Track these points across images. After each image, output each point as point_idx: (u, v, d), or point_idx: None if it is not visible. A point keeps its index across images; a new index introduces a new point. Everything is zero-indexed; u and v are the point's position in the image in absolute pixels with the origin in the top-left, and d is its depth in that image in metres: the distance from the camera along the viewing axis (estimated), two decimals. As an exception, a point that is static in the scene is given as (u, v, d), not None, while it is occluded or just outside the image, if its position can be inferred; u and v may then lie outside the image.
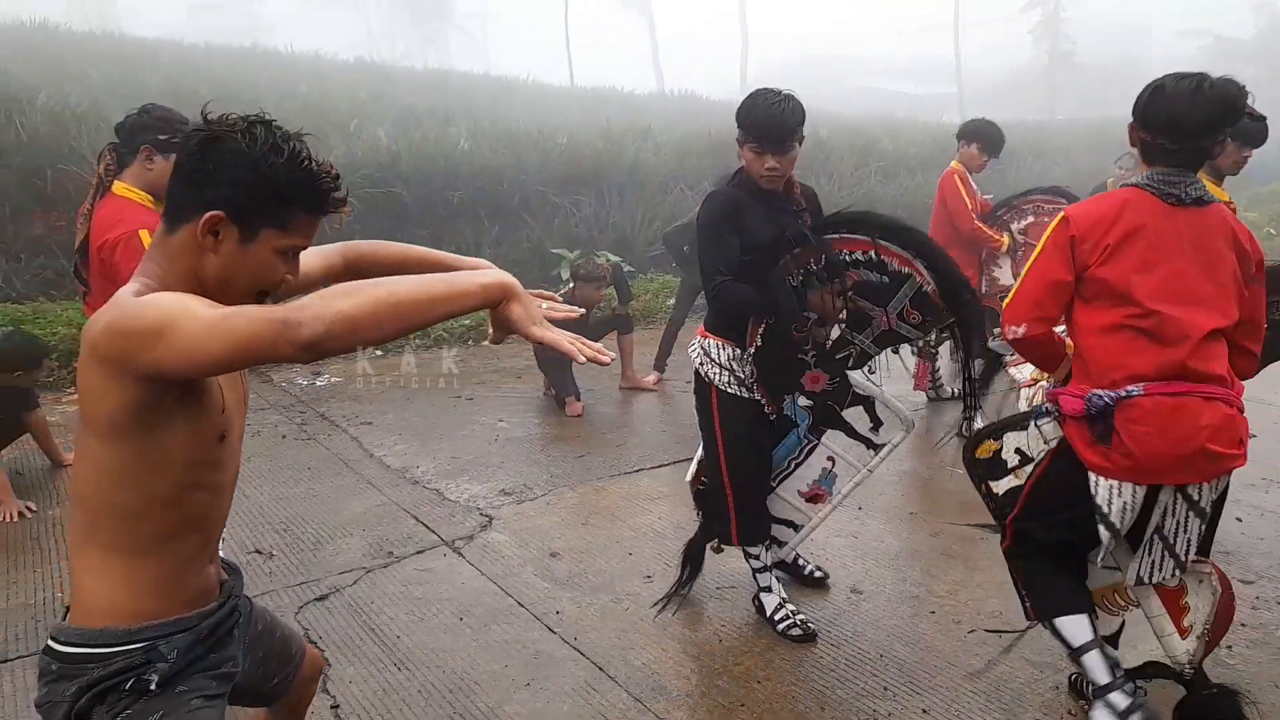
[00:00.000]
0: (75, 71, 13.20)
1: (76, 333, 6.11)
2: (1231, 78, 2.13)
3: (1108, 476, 2.17)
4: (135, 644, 1.40)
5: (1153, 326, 2.12)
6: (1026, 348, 2.33)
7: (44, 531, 3.85)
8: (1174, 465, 2.12)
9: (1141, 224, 2.13)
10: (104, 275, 2.69)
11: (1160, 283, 2.12)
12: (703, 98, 24.51)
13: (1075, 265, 2.19)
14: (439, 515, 4.03)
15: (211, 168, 1.34)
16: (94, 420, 1.33)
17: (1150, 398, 2.10)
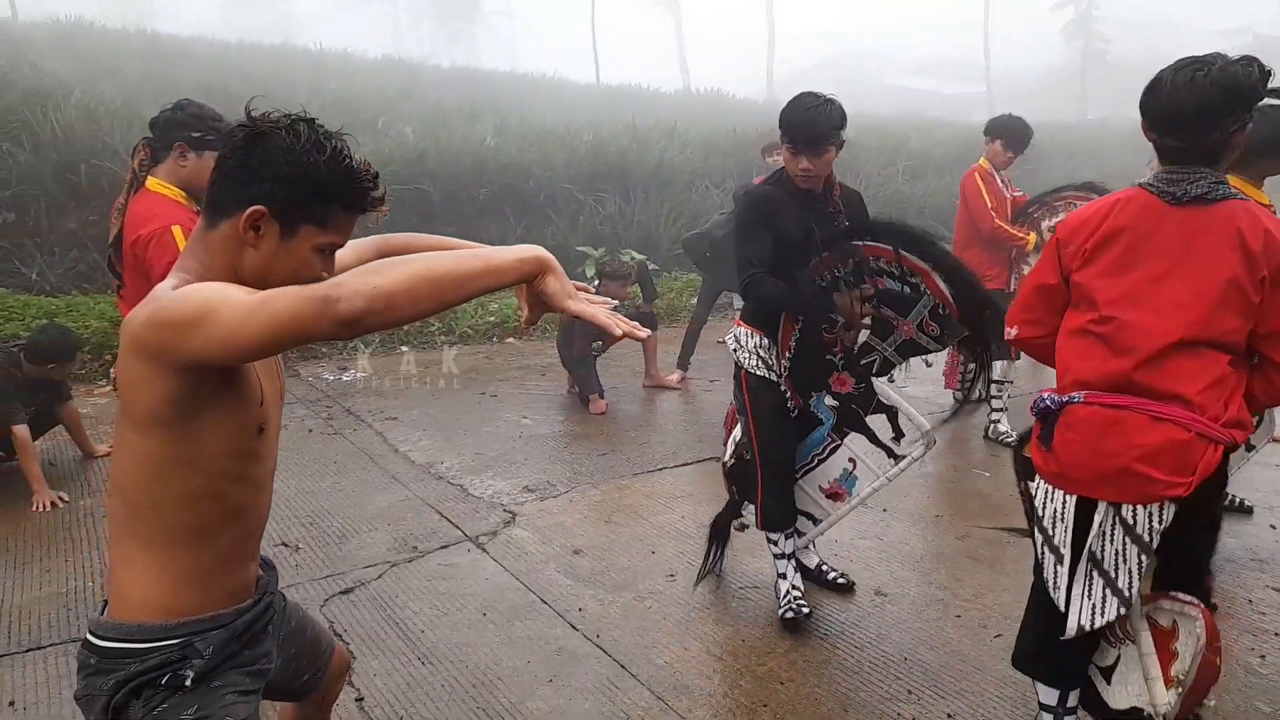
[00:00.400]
0: (109, 68, 13.40)
1: (109, 326, 6.21)
2: (1249, 58, 1.90)
3: (1044, 479, 2.10)
4: (172, 640, 1.40)
5: (1108, 333, 2.00)
6: (1025, 349, 2.29)
7: (75, 521, 3.91)
8: (1097, 479, 1.99)
9: (1123, 225, 2.00)
10: (137, 270, 2.72)
11: (1127, 288, 1.99)
12: (729, 96, 24.45)
13: (1062, 269, 2.11)
14: (463, 511, 4.05)
15: (255, 163, 1.35)
16: (134, 412, 1.34)
17: (1088, 406, 2.00)
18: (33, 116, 8.15)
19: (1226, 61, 1.88)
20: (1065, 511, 2.05)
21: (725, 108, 20.93)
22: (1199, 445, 1.91)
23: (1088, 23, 41.16)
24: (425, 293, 1.23)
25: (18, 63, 11.08)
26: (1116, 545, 2.00)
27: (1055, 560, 2.07)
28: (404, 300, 1.21)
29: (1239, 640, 2.96)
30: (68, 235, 7.58)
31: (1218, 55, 1.91)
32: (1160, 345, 1.93)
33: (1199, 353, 1.93)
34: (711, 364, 6.82)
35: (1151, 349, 1.94)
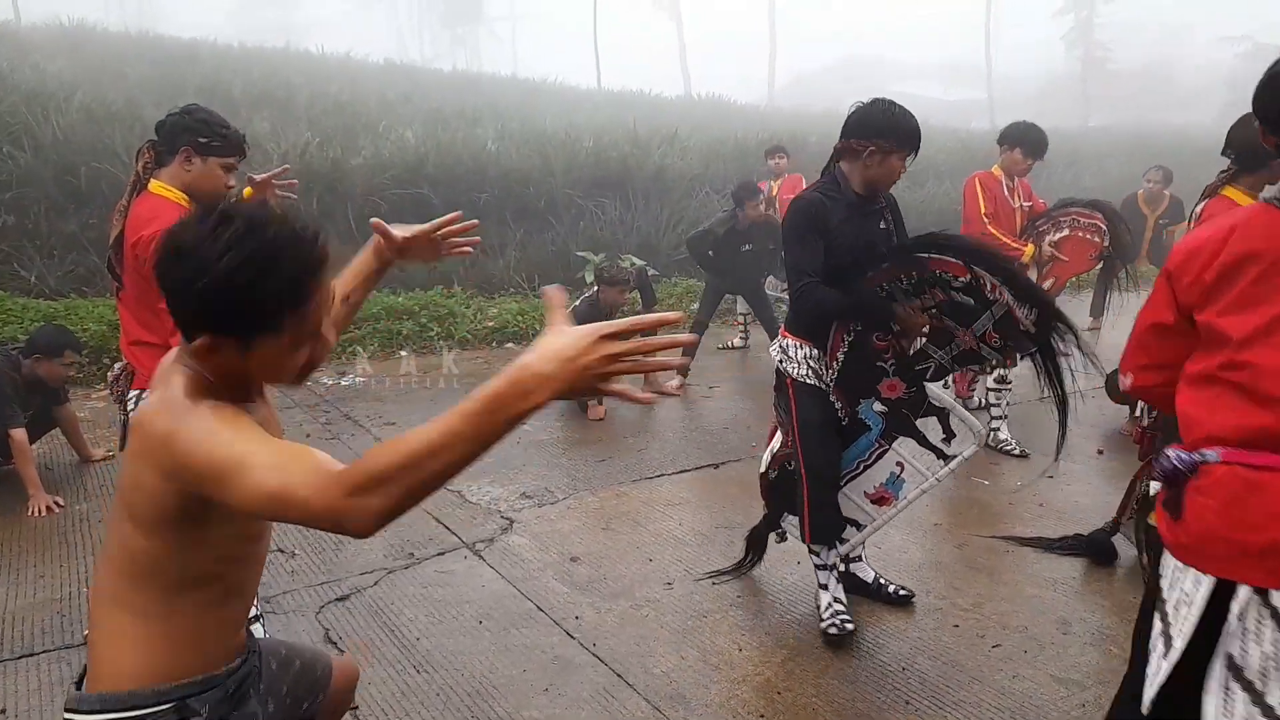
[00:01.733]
0: (111, 70, 13.41)
1: (108, 329, 6.20)
2: None
3: (1173, 554, 1.72)
4: (166, 703, 1.35)
5: (1244, 380, 1.63)
6: (1143, 397, 1.97)
7: (71, 527, 3.90)
8: (1238, 556, 1.59)
9: (1251, 251, 1.64)
10: (137, 272, 2.71)
11: (1263, 325, 1.62)
12: (730, 102, 24.47)
13: (1179, 306, 1.75)
14: (460, 517, 4.04)
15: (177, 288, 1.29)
16: (138, 514, 1.30)
17: (1225, 466, 1.63)
18: (34, 118, 8.16)
19: None
20: (1196, 594, 1.64)
21: (726, 113, 20.96)
22: None
23: (1088, 30, 41.19)
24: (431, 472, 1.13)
25: (20, 64, 11.10)
26: (1265, 646, 1.55)
27: (1164, 649, 1.67)
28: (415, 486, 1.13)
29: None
30: (67, 238, 7.58)
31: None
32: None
33: None
34: (710, 370, 6.82)
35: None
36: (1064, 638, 3.04)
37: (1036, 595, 3.33)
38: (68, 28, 18.59)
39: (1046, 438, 4.99)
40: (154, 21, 27.48)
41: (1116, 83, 40.65)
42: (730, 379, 6.71)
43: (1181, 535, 1.68)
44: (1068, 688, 2.76)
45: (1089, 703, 2.68)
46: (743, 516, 4.08)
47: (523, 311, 8.07)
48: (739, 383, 6.60)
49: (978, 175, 5.06)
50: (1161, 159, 9.85)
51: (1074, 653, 2.95)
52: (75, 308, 6.68)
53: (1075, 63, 41.32)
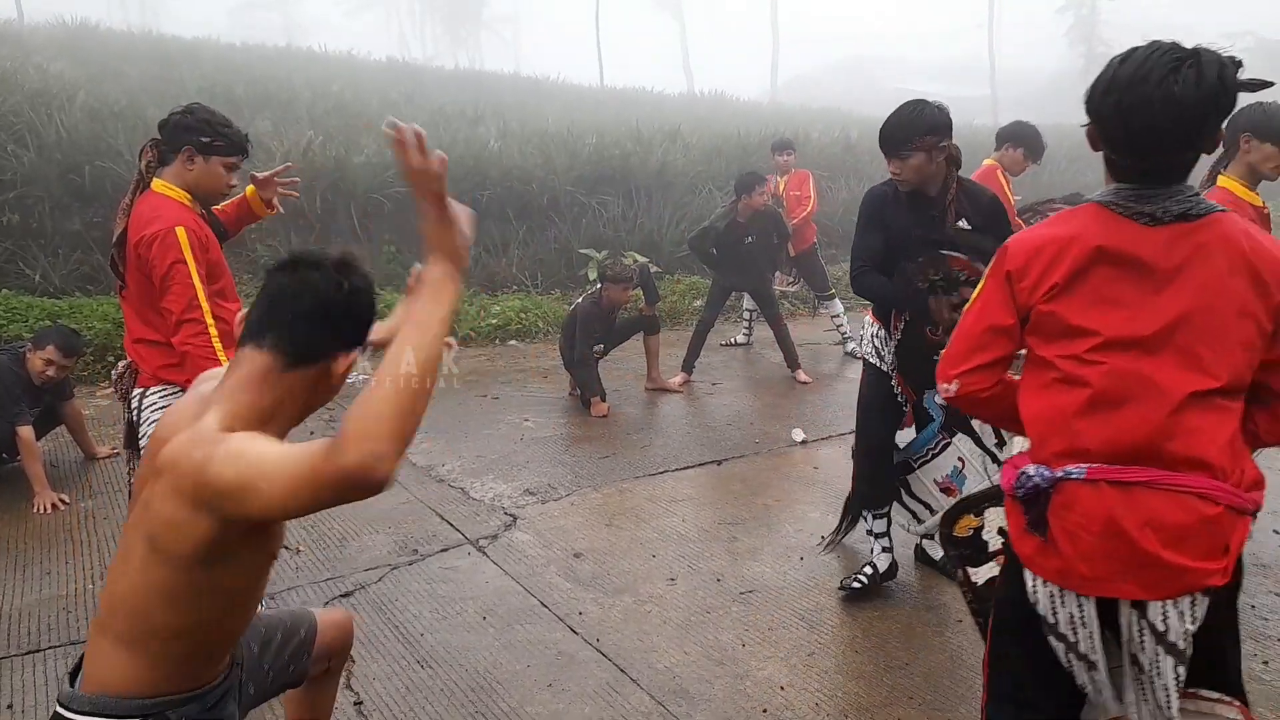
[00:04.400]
0: (114, 70, 13.43)
1: (112, 327, 6.22)
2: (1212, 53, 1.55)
3: (1044, 577, 1.66)
4: (147, 714, 1.45)
5: (1103, 387, 1.58)
6: (967, 404, 1.81)
7: (76, 523, 3.91)
8: (1114, 573, 1.57)
9: (1097, 252, 1.60)
10: (140, 271, 2.72)
11: (1117, 330, 1.59)
12: (733, 99, 24.47)
13: (1018, 307, 1.69)
14: (464, 514, 4.05)
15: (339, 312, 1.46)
16: (166, 548, 1.37)
17: (1092, 484, 1.58)
18: (37, 118, 8.17)
19: (1197, 62, 1.51)
20: (1087, 615, 1.63)
21: (729, 111, 20.94)
22: (1229, 519, 1.55)
23: (1091, 27, 41.09)
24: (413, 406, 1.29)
25: (23, 64, 11.11)
26: (1148, 657, 1.60)
27: (1088, 668, 1.66)
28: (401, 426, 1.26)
29: (1242, 646, 2.93)
30: (71, 237, 7.59)
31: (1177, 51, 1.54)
32: (1174, 402, 1.55)
33: (1214, 404, 1.56)
34: (714, 367, 6.82)
35: (1165, 407, 1.55)
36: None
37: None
38: (70, 27, 18.62)
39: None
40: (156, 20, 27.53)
41: (1119, 79, 40.50)
42: (733, 375, 6.71)
43: (1054, 557, 1.63)
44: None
45: (1092, 697, 2.68)
46: (746, 512, 4.09)
47: (525, 309, 8.07)
48: (742, 379, 6.60)
49: (998, 168, 5.05)
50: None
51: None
52: (80, 306, 6.69)
53: (1078, 59, 41.25)
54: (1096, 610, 1.61)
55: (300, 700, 1.96)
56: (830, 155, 12.80)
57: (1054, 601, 1.65)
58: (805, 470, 4.63)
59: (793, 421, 5.33)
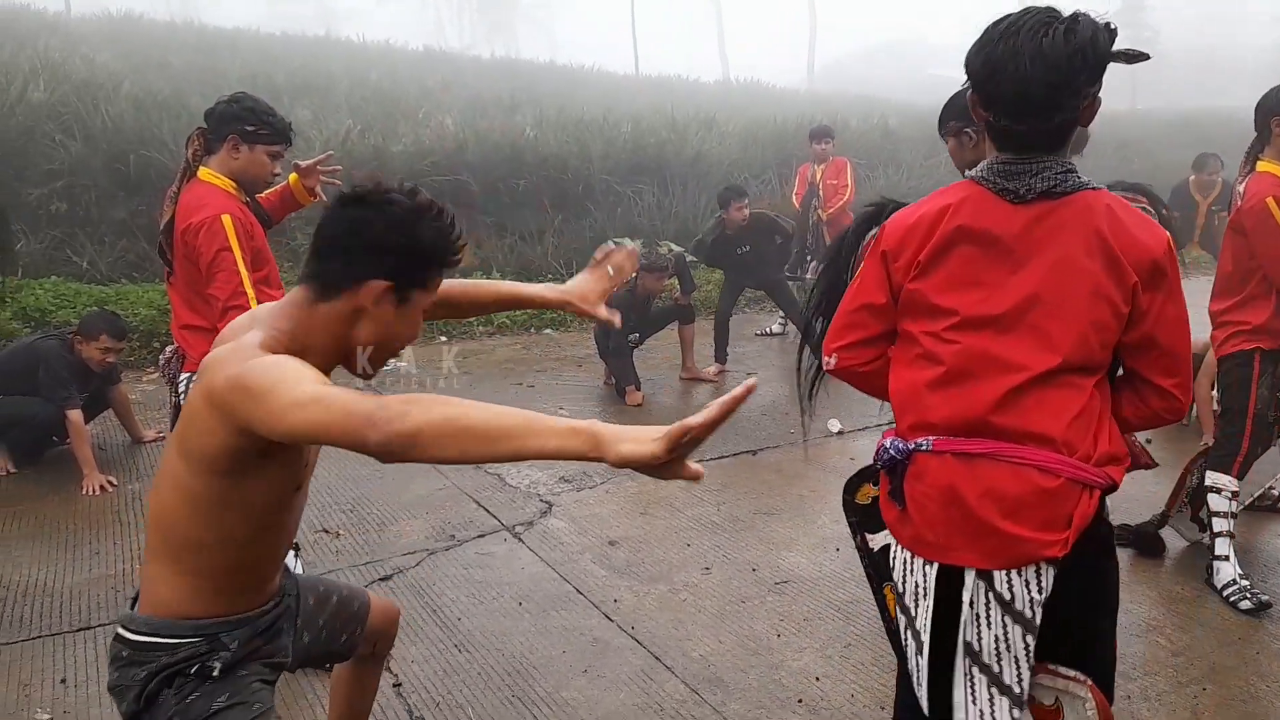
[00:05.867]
0: (158, 60, 13.64)
1: (157, 314, 6.34)
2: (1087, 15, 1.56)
3: (902, 544, 1.70)
4: (200, 636, 1.50)
5: (954, 364, 1.61)
6: (849, 379, 1.83)
7: (124, 505, 4.00)
8: (955, 541, 1.59)
9: (961, 232, 1.61)
10: (187, 258, 2.77)
11: (972, 308, 1.60)
12: (768, 86, 24.25)
13: (891, 286, 1.71)
14: (500, 500, 4.08)
15: (370, 239, 1.40)
16: (192, 453, 1.41)
17: (938, 456, 1.61)
18: (84, 108, 8.33)
19: (1072, 22, 1.51)
20: (927, 583, 1.64)
21: (764, 98, 20.78)
22: (1070, 492, 1.56)
23: (1137, 12, 40.13)
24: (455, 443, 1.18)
25: (70, 55, 11.33)
26: (995, 630, 1.59)
27: (917, 649, 1.66)
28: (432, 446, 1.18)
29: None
30: (117, 225, 7.74)
31: (1052, 12, 1.53)
32: (1021, 379, 1.57)
33: (1062, 381, 1.58)
34: (749, 356, 6.80)
35: (1008, 383, 1.57)
36: (1108, 628, 3.00)
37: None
38: (116, 18, 18.94)
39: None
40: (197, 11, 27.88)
41: (1164, 65, 39.58)
42: (768, 365, 6.69)
43: (908, 525, 1.67)
44: (1112, 678, 2.72)
45: (1134, 694, 2.65)
46: (780, 502, 4.08)
47: (560, 298, 8.09)
48: (777, 369, 6.57)
49: None
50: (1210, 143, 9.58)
51: (1120, 644, 2.86)
52: (125, 293, 6.83)
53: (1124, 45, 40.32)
54: (937, 584, 1.63)
55: (345, 682, 1.99)
56: (869, 142, 12.67)
57: (905, 569, 1.69)
58: (841, 461, 4.60)
59: (829, 412, 5.30)
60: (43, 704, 2.57)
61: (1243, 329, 3.18)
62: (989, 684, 1.61)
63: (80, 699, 2.60)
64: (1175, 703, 2.61)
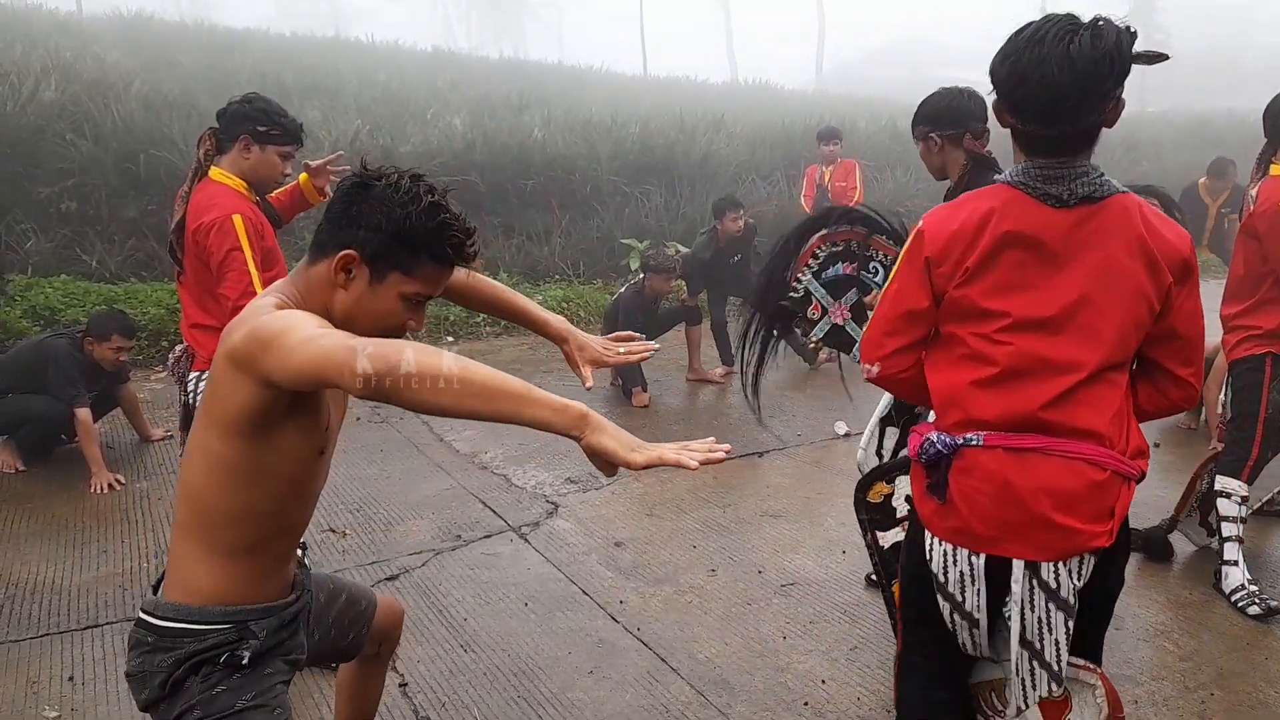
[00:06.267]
0: (168, 60, 13.69)
1: (166, 313, 6.37)
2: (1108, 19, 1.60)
3: (940, 537, 1.74)
4: (229, 623, 1.50)
5: (1006, 363, 1.66)
6: (890, 387, 1.89)
7: (132, 504, 4.02)
8: (1008, 534, 1.66)
9: (1008, 236, 1.65)
10: (197, 257, 2.78)
11: (1024, 310, 1.65)
12: (777, 87, 24.24)
13: (934, 290, 1.73)
14: (506, 501, 4.08)
15: (355, 210, 1.44)
16: (219, 418, 1.42)
17: (989, 451, 1.66)
18: (95, 107, 8.36)
19: (1096, 27, 1.56)
20: (976, 572, 1.71)
21: (773, 99, 20.77)
22: (1115, 484, 1.65)
23: (1148, 13, 39.98)
24: (452, 388, 1.24)
25: (82, 54, 11.38)
26: (1039, 613, 1.68)
27: (970, 626, 1.74)
28: (427, 385, 1.23)
29: None
30: (127, 224, 7.77)
31: (1074, 18, 1.58)
32: (1075, 379, 1.63)
33: (1105, 378, 1.65)
34: (755, 358, 6.78)
35: (1064, 383, 1.63)
36: (1117, 633, 2.99)
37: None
38: (127, 18, 19.03)
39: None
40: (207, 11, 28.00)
41: (1176, 67, 39.45)
42: (776, 368, 6.65)
43: (951, 518, 1.71)
44: (1120, 683, 2.71)
45: (1142, 698, 2.63)
46: (787, 504, 4.07)
47: (568, 298, 8.10)
48: (785, 371, 6.56)
49: None
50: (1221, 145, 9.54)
51: (1127, 648, 2.90)
52: (135, 292, 6.85)
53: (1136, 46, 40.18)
54: (985, 570, 1.69)
55: (350, 683, 2.00)
56: (877, 144, 12.63)
57: (946, 560, 1.74)
58: (848, 464, 4.59)
59: (836, 414, 5.29)
60: (50, 701, 2.58)
61: (1254, 333, 3.17)
62: (1030, 658, 1.70)
63: (88, 696, 2.61)
64: (1183, 708, 2.60)
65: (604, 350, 1.98)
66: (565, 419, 1.29)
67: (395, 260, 1.44)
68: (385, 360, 1.22)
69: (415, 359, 1.22)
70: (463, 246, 1.47)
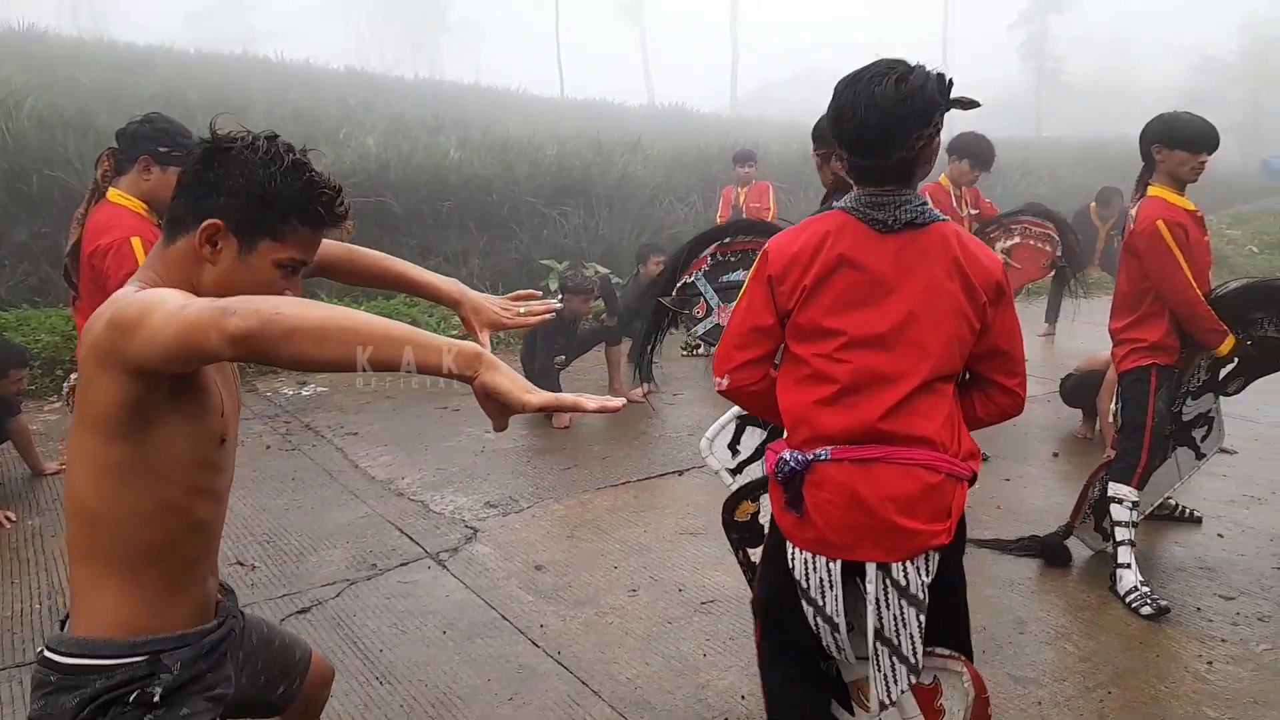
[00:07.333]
0: (64, 77, 13.15)
1: (61, 340, 6.08)
2: (921, 67, 1.77)
3: (801, 547, 1.88)
4: (139, 656, 1.38)
5: (845, 380, 1.81)
6: (738, 399, 2.04)
7: (23, 542, 3.81)
8: (859, 539, 1.81)
9: (841, 259, 1.81)
10: (94, 281, 2.68)
11: (857, 329, 1.80)
12: (693, 111, 24.63)
13: (777, 308, 1.88)
14: (423, 527, 4.02)
15: (212, 178, 1.35)
16: (92, 417, 1.31)
17: (837, 464, 1.81)
18: (-17, 125, 7.98)
19: (904, 71, 1.74)
20: (834, 578, 1.86)
21: (689, 123, 21.10)
22: (950, 486, 1.81)
23: (1041, 43, 42.06)
24: (334, 338, 1.16)
25: (-32, 70, 10.84)
26: (894, 610, 1.83)
27: (832, 630, 1.90)
28: (306, 337, 1.15)
29: (1187, 648, 3.02)
30: (18, 247, 7.41)
31: (894, 63, 1.76)
32: (906, 390, 1.79)
33: (933, 388, 1.82)
34: (676, 378, 6.84)
35: (897, 394, 1.79)
36: (1020, 637, 3.10)
37: (994, 596, 3.39)
38: (18, 32, 18.22)
39: (1002, 441, 5.10)
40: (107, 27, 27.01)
41: (1069, 94, 41.56)
42: (695, 386, 6.74)
43: (809, 530, 1.86)
44: (1024, 685, 2.82)
45: (1044, 700, 2.74)
46: (708, 521, 4.10)
47: (486, 320, 8.03)
48: (704, 389, 6.63)
49: (926, 188, 5.15)
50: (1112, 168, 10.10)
51: (1030, 651, 3.02)
52: (27, 318, 6.53)
53: (1030, 74, 42.19)
54: (842, 574, 1.85)
55: None
56: (790, 166, 12.95)
57: (807, 568, 1.89)
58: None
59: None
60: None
61: (1140, 346, 3.35)
62: (890, 654, 1.86)
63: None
64: (1083, 707, 2.71)
65: (502, 311, 1.89)
66: (460, 361, 1.21)
67: (264, 226, 1.36)
68: (257, 315, 1.13)
69: (290, 310, 1.14)
70: (333, 204, 1.40)
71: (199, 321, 1.15)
